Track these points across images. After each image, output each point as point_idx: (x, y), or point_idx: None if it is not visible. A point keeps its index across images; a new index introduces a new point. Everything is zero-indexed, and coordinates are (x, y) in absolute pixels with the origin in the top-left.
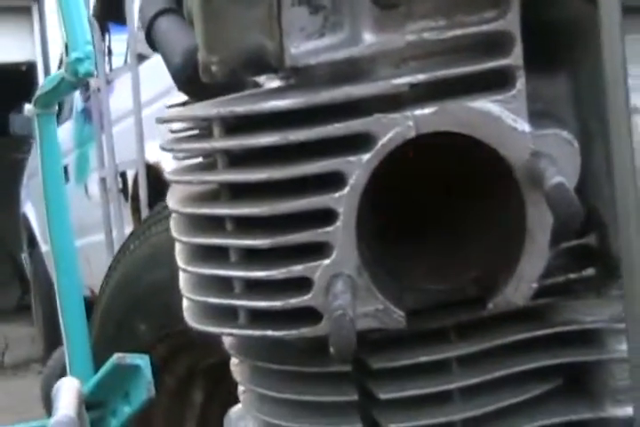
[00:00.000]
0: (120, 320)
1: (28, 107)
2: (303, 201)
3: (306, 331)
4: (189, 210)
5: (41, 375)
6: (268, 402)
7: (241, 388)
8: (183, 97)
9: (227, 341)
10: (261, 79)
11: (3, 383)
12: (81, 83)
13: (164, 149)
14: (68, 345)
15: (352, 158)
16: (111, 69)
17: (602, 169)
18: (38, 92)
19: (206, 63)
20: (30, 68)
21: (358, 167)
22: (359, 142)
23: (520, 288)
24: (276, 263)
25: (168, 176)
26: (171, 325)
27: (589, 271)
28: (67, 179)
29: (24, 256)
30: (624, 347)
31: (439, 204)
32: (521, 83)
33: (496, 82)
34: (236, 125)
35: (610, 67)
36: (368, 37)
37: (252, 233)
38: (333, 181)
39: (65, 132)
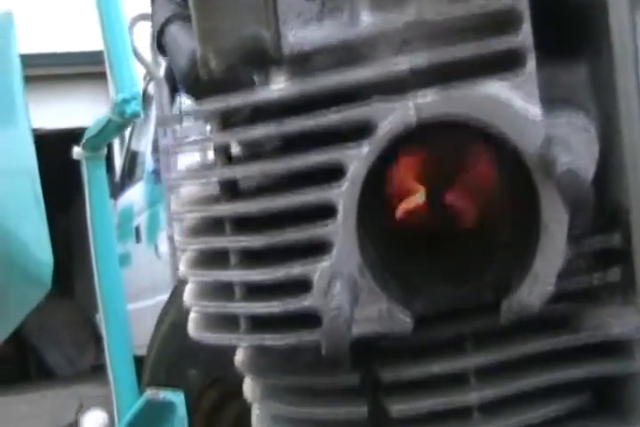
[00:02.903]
0: (171, 366)
1: (76, 150)
2: (300, 196)
3: (304, 336)
4: (189, 213)
5: None
6: (279, 421)
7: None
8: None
9: (238, 359)
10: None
11: None
12: (128, 124)
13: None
14: (117, 401)
15: (350, 149)
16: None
17: (625, 161)
18: (86, 135)
19: (204, 55)
20: None
21: (357, 158)
22: (358, 132)
23: (535, 288)
24: (275, 265)
25: (171, 179)
26: (220, 369)
27: (614, 274)
28: (138, 239)
29: (98, 317)
30: None
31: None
32: (531, 65)
33: (505, 64)
34: (236, 120)
35: (619, 47)
36: (366, 18)
37: (250, 234)
38: (333, 175)
39: (136, 193)
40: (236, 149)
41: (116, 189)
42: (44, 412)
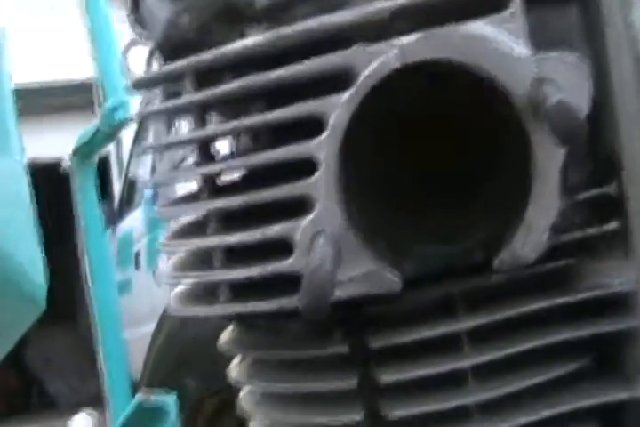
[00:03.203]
0: (168, 377)
1: (66, 160)
2: (279, 151)
3: (286, 301)
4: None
5: None
6: (269, 399)
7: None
8: None
9: (223, 339)
10: None
11: None
12: (117, 132)
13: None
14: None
15: (330, 97)
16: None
17: (619, 107)
18: (75, 145)
19: (175, 15)
20: (104, 162)
21: (338, 106)
22: (340, 81)
23: (529, 240)
24: (253, 227)
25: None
26: (218, 379)
27: (612, 225)
28: (138, 265)
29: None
30: None
31: (436, 152)
32: (517, 1)
33: (491, 4)
34: (209, 78)
35: None
36: None
37: (228, 196)
38: (314, 129)
39: (135, 220)
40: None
41: (115, 215)
42: None
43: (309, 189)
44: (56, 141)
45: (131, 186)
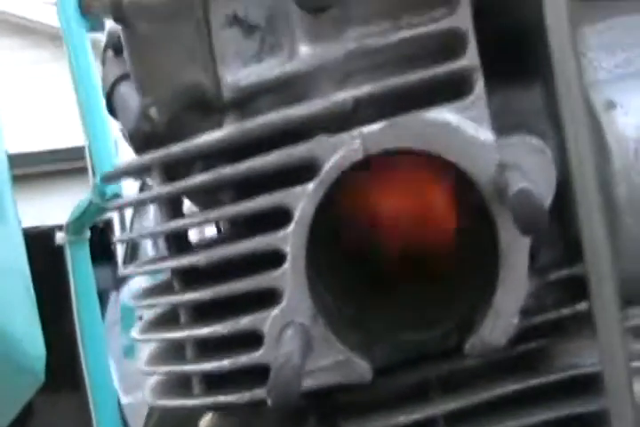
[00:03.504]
0: None
1: (59, 235)
2: (246, 243)
3: (259, 392)
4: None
5: None
6: None
7: None
8: None
9: (203, 426)
10: None
11: None
12: (110, 206)
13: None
14: None
15: (295, 189)
16: None
17: (577, 190)
18: (68, 219)
19: (145, 108)
20: (107, 225)
21: (302, 198)
22: (303, 171)
23: (498, 324)
24: (223, 319)
25: None
26: None
27: (583, 305)
28: None
29: None
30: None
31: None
32: (480, 86)
33: (453, 90)
34: (177, 170)
35: (560, 69)
36: (304, 50)
37: (197, 287)
38: (280, 220)
39: (139, 283)
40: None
41: (119, 279)
42: None
43: (277, 282)
44: (47, 209)
45: (133, 249)
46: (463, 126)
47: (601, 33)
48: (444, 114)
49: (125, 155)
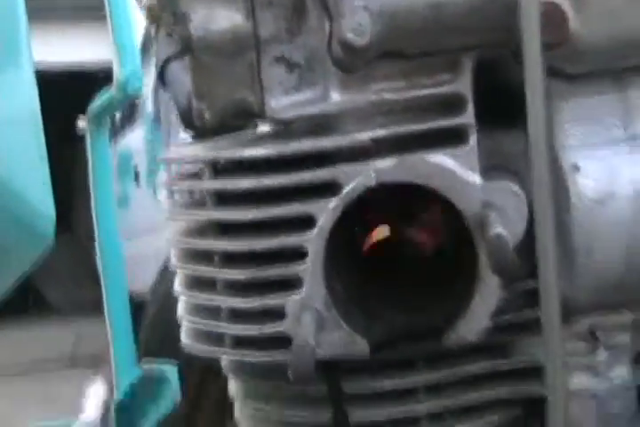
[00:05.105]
0: (167, 329)
1: (81, 124)
2: (276, 240)
3: (277, 355)
4: (183, 244)
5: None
6: (257, 419)
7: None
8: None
9: (222, 362)
10: None
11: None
12: (131, 100)
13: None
14: (113, 343)
15: (320, 203)
16: None
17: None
18: (90, 111)
19: (198, 110)
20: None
21: (326, 211)
22: (327, 188)
23: (472, 325)
24: (255, 295)
25: (165, 214)
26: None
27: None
28: (138, 183)
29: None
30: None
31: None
32: (473, 139)
33: (451, 138)
34: (224, 167)
35: (532, 124)
36: (335, 96)
37: (235, 266)
38: (305, 221)
39: (136, 137)
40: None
41: (117, 131)
42: (39, 342)
43: (300, 272)
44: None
45: (131, 108)
46: (457, 170)
47: (575, 107)
48: (443, 158)
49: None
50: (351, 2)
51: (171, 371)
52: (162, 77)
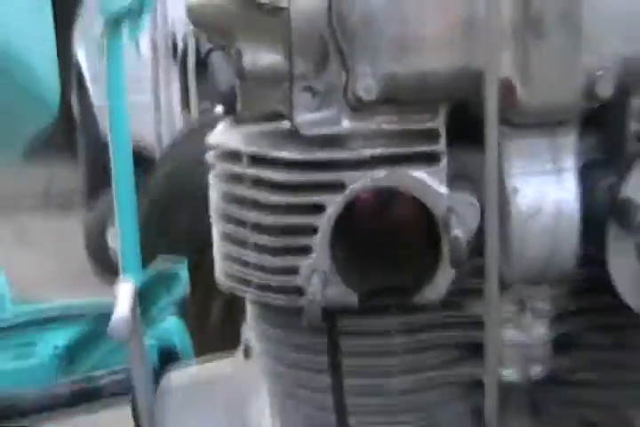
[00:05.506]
0: (166, 208)
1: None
2: (299, 218)
3: (293, 301)
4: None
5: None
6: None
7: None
8: None
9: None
10: None
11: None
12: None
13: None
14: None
15: (330, 196)
16: None
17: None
18: (106, 14)
19: (242, 111)
20: None
21: (334, 203)
22: (336, 187)
23: (435, 290)
24: (279, 256)
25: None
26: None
27: None
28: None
29: (73, 99)
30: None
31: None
32: (444, 161)
33: (428, 159)
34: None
35: (488, 156)
36: (345, 123)
37: (264, 234)
38: (318, 208)
39: None
40: None
41: None
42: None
43: (312, 243)
44: None
45: None
46: (431, 183)
47: (518, 146)
48: (421, 173)
49: None
50: (363, 69)
51: (181, 268)
52: (205, 64)
